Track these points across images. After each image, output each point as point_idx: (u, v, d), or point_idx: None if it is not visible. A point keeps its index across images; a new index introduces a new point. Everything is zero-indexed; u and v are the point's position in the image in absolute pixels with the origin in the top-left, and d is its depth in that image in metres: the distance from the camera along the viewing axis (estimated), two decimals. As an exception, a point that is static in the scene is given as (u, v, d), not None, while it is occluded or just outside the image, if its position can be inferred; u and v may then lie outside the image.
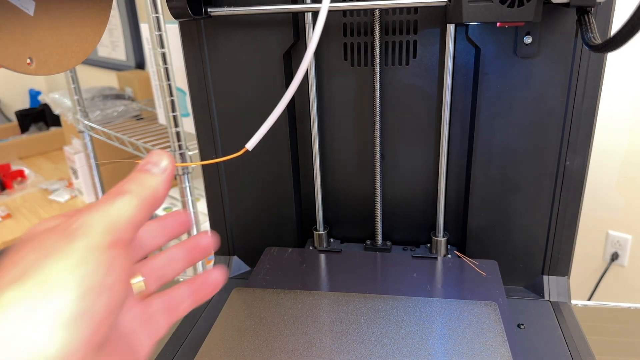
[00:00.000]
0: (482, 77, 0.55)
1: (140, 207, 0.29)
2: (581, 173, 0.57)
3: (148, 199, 0.30)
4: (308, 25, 0.56)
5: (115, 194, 0.28)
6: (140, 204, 0.29)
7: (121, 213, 0.27)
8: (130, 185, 0.29)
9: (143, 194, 0.29)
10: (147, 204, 0.29)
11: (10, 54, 0.40)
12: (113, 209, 0.27)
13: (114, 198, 0.28)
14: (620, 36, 0.38)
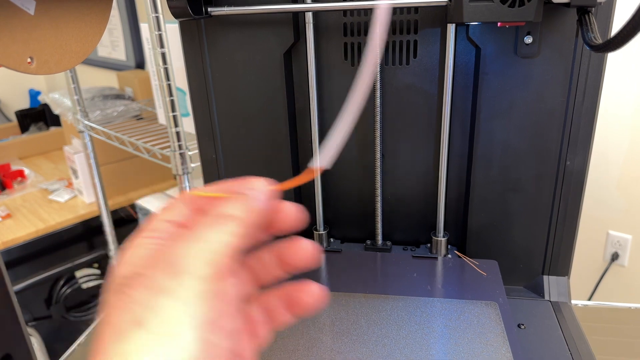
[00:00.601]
0: (483, 77, 0.55)
1: (244, 234, 0.26)
2: (581, 173, 0.56)
3: (252, 224, 0.27)
4: (308, 25, 0.56)
5: (218, 218, 0.26)
6: (244, 231, 0.27)
7: (224, 240, 0.25)
8: (233, 209, 0.27)
9: (247, 219, 0.27)
10: (250, 229, 0.27)
11: (11, 54, 0.40)
12: (216, 236, 0.25)
13: (216, 223, 0.26)
14: (620, 36, 0.38)
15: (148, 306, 0.23)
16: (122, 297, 0.24)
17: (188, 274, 0.23)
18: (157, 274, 0.24)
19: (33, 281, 1.70)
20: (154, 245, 0.27)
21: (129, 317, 0.23)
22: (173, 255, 0.24)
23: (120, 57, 2.09)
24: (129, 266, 0.25)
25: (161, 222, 0.29)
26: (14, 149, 2.19)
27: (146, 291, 0.23)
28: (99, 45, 2.17)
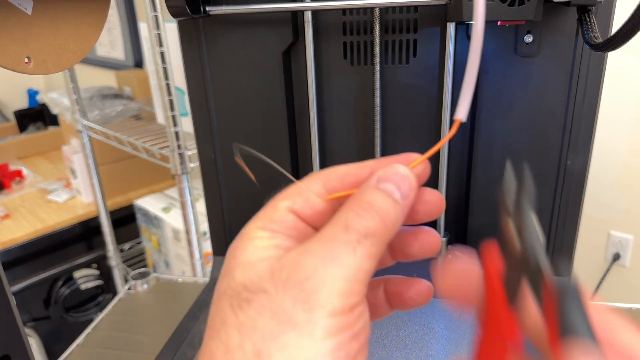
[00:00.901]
0: (483, 76, 0.55)
1: (380, 253, 0.23)
2: (582, 173, 0.56)
3: (389, 238, 0.24)
4: (307, 24, 0.56)
5: (355, 234, 0.23)
6: (381, 250, 0.23)
7: (361, 266, 0.22)
8: (366, 221, 0.23)
9: (385, 234, 0.23)
10: (386, 244, 0.24)
11: (9, 54, 0.40)
12: (353, 261, 0.22)
13: (354, 242, 0.22)
14: (621, 35, 0.38)
15: (273, 338, 0.21)
16: (241, 315, 0.22)
17: (321, 309, 0.21)
18: (286, 300, 0.21)
19: (31, 282, 1.70)
20: (279, 250, 0.24)
21: (248, 345, 0.21)
22: (304, 275, 0.21)
23: (118, 56, 2.09)
24: (251, 273, 0.23)
25: (286, 212, 0.26)
26: (12, 149, 2.19)
27: (272, 319, 0.21)
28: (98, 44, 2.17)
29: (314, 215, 0.26)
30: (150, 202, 1.66)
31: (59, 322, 1.77)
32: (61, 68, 0.46)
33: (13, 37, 0.40)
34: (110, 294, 1.87)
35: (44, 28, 0.43)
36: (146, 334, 0.64)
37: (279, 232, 0.25)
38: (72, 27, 0.46)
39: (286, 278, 0.22)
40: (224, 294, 0.23)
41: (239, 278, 0.23)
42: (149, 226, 1.65)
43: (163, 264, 1.65)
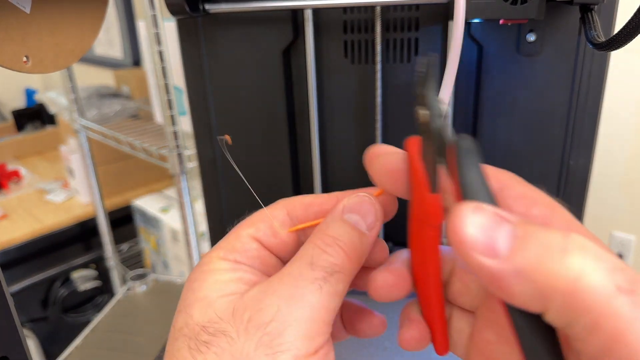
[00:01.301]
0: (485, 75, 0.55)
1: (346, 289, 0.23)
2: (585, 173, 0.56)
3: (355, 272, 0.23)
4: (307, 22, 0.55)
5: (320, 271, 0.22)
6: (347, 286, 0.23)
7: (327, 305, 0.21)
8: (332, 257, 0.22)
9: (351, 270, 0.23)
10: (352, 279, 0.23)
11: (7, 52, 0.40)
12: (318, 300, 0.21)
13: (319, 280, 0.21)
14: (623, 34, 0.38)
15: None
16: (200, 359, 0.20)
17: (286, 353, 0.20)
18: (248, 344, 0.20)
19: (29, 282, 1.69)
20: (241, 285, 0.22)
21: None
22: (268, 316, 0.20)
23: (116, 55, 2.08)
24: (210, 312, 0.21)
25: (249, 240, 0.25)
26: (9, 149, 2.18)
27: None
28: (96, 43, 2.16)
29: (278, 244, 0.25)
30: (149, 203, 1.65)
31: (57, 323, 1.76)
32: (59, 67, 0.45)
33: (11, 36, 0.40)
34: (109, 295, 1.86)
35: (42, 27, 0.43)
36: (144, 335, 0.63)
37: (242, 262, 0.24)
38: (71, 26, 0.46)
39: (248, 319, 0.20)
40: (180, 333, 0.21)
41: (197, 317, 0.21)
42: (147, 227, 1.65)
43: (161, 264, 1.64)
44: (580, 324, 0.17)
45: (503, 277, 0.17)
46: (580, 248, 0.17)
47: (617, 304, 0.16)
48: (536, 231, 0.17)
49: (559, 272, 0.16)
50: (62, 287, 1.75)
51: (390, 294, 0.25)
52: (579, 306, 0.16)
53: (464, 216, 0.18)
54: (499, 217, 0.18)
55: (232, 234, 0.25)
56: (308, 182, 0.65)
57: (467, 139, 0.21)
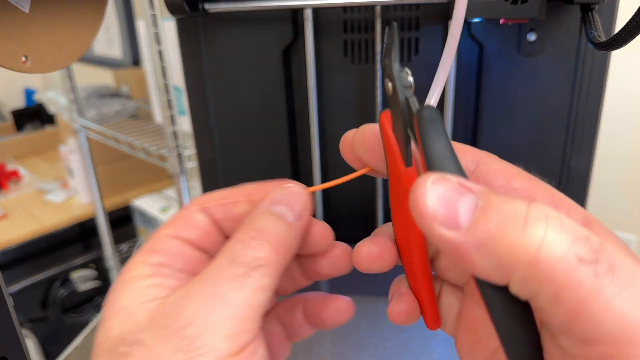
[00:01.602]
0: (485, 75, 0.54)
1: (275, 283, 0.21)
2: (586, 173, 0.56)
3: (284, 264, 0.22)
4: (307, 22, 0.55)
5: (242, 266, 0.21)
6: (275, 279, 0.21)
7: (251, 301, 0.20)
8: (255, 250, 0.21)
9: (279, 262, 0.22)
10: (281, 271, 0.22)
11: (6, 52, 0.40)
12: (241, 297, 0.20)
13: (241, 275, 0.20)
14: (624, 33, 0.38)
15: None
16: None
17: (205, 356, 0.19)
18: (165, 352, 0.19)
19: (29, 283, 1.69)
20: (162, 290, 0.21)
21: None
22: (185, 320, 0.19)
23: (116, 54, 2.08)
24: (129, 322, 0.20)
25: (167, 238, 0.23)
26: (9, 149, 2.18)
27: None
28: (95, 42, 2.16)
29: (200, 236, 0.24)
30: (148, 203, 1.65)
31: (57, 323, 1.76)
32: (59, 67, 0.45)
33: (10, 36, 0.40)
34: (108, 295, 1.86)
35: (41, 26, 0.42)
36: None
37: (163, 264, 0.22)
38: (70, 25, 0.45)
39: (166, 325, 0.19)
40: (101, 348, 0.20)
41: (116, 329, 0.20)
42: (147, 227, 1.65)
43: (161, 264, 1.63)
44: (543, 296, 0.16)
45: (464, 249, 0.17)
46: (542, 218, 0.16)
47: (579, 275, 0.16)
48: (499, 201, 0.17)
49: (519, 243, 0.16)
50: (61, 287, 1.75)
51: (375, 265, 0.25)
52: (541, 278, 0.16)
53: (424, 187, 0.17)
54: (462, 187, 0.17)
55: (152, 236, 0.24)
56: (308, 181, 0.65)
57: (429, 108, 0.21)
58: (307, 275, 0.28)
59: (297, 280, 0.28)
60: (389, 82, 0.23)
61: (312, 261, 0.27)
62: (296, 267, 0.28)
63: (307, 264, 0.27)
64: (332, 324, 0.27)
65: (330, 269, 0.27)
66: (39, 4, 0.41)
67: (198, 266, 0.23)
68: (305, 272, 0.28)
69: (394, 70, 0.23)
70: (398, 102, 0.23)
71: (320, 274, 0.27)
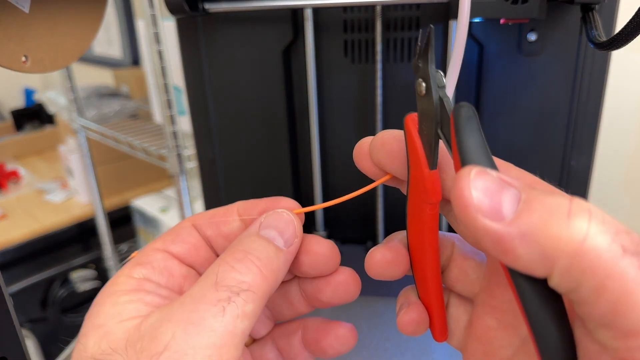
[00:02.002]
0: (486, 75, 0.54)
1: (259, 309, 0.20)
2: (586, 173, 0.56)
3: (270, 291, 0.21)
4: (307, 22, 0.55)
5: (225, 291, 0.19)
6: (260, 306, 0.20)
7: (233, 329, 0.19)
8: (240, 274, 0.20)
9: (265, 288, 0.21)
10: (267, 298, 0.21)
11: (5, 52, 0.40)
12: (222, 325, 0.19)
13: (223, 300, 0.19)
14: (625, 33, 0.38)
15: None
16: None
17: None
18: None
19: (28, 283, 1.69)
20: (143, 308, 0.20)
21: None
22: (161, 346, 0.18)
23: (115, 54, 2.08)
24: (104, 342, 0.19)
25: (153, 252, 0.23)
26: (8, 149, 2.18)
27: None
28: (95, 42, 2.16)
29: (188, 251, 0.24)
30: (148, 203, 1.65)
31: (56, 324, 1.76)
32: (58, 67, 0.45)
33: (10, 36, 0.40)
34: (108, 295, 1.86)
35: (41, 26, 0.42)
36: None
37: (146, 278, 0.22)
38: (70, 25, 0.45)
39: (141, 350, 0.18)
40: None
41: (90, 348, 0.19)
42: (146, 227, 1.65)
43: (161, 264, 1.63)
44: (586, 286, 0.16)
45: (508, 240, 0.17)
46: (586, 211, 0.17)
47: (624, 264, 0.16)
48: (541, 195, 0.17)
49: (565, 234, 0.16)
50: (61, 287, 1.75)
51: (388, 271, 0.25)
52: (585, 268, 0.16)
53: (469, 179, 0.17)
54: (503, 181, 0.18)
55: (140, 251, 0.23)
56: (308, 182, 0.65)
57: (465, 106, 0.21)
58: (308, 302, 0.27)
59: (297, 306, 0.27)
60: (422, 83, 0.24)
61: (314, 286, 0.26)
62: (296, 292, 0.27)
63: (309, 289, 0.26)
64: (333, 353, 0.26)
65: (334, 296, 0.26)
66: (39, 4, 0.41)
67: (183, 282, 0.23)
68: (307, 298, 0.26)
69: (429, 71, 0.23)
70: (430, 102, 0.23)
71: (322, 301, 0.26)
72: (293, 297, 0.27)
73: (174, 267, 0.23)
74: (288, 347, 0.26)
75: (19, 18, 0.40)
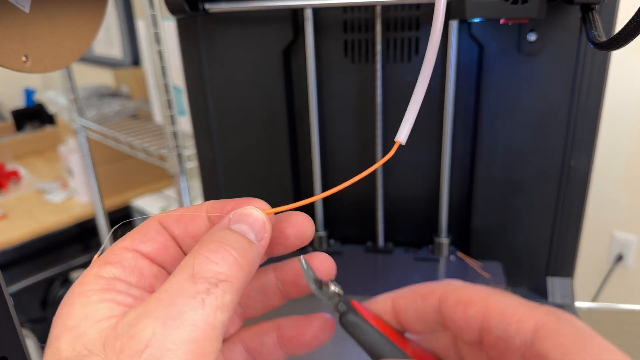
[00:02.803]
0: (486, 75, 0.54)
1: (236, 300, 0.20)
2: (586, 172, 0.56)
3: (245, 282, 0.21)
4: (307, 22, 0.55)
5: (202, 282, 0.19)
6: (237, 297, 0.20)
7: (212, 321, 0.19)
8: (217, 265, 0.20)
9: (241, 279, 0.20)
10: (243, 289, 0.21)
11: (6, 52, 0.40)
12: (200, 317, 0.18)
13: (201, 292, 0.19)
14: (625, 34, 0.38)
15: None
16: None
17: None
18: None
19: (28, 283, 1.69)
20: (115, 307, 0.20)
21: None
22: (142, 344, 0.18)
23: (116, 54, 2.08)
24: (79, 344, 0.19)
25: (122, 251, 0.22)
26: (9, 149, 2.17)
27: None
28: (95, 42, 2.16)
29: (158, 249, 0.23)
30: (148, 203, 1.65)
31: (56, 323, 1.76)
32: (58, 66, 0.45)
33: (10, 36, 0.40)
34: (108, 295, 1.86)
35: (41, 26, 0.42)
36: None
37: (116, 278, 0.21)
38: (70, 25, 0.45)
39: (120, 349, 0.18)
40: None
41: (65, 351, 0.19)
42: (146, 226, 1.64)
43: (161, 264, 1.64)
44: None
45: None
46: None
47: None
48: None
49: None
50: (61, 287, 1.75)
51: None
52: None
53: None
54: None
55: (108, 249, 0.23)
56: (308, 181, 0.65)
57: (345, 315, 0.24)
58: (285, 291, 0.27)
59: (272, 298, 0.26)
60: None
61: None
62: (272, 283, 0.26)
63: (289, 274, 0.26)
64: (316, 343, 0.26)
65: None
66: (39, 4, 0.41)
67: (154, 281, 0.22)
68: (286, 286, 0.26)
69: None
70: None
71: (302, 284, 0.26)
72: (268, 288, 0.26)
73: (145, 266, 0.23)
74: (260, 348, 0.26)
75: (19, 18, 0.40)
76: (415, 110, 0.28)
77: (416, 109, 0.28)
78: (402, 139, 0.28)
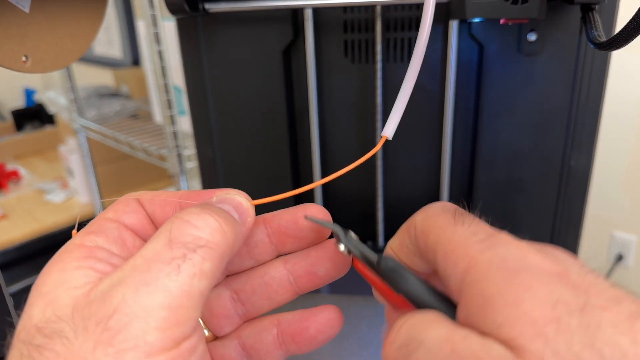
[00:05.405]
0: (486, 75, 0.54)
1: (218, 270, 0.19)
2: (586, 173, 0.56)
3: (228, 252, 0.20)
4: (307, 22, 0.55)
5: (180, 247, 0.18)
6: (218, 266, 0.19)
7: (189, 287, 0.18)
8: (196, 229, 0.19)
9: (223, 248, 0.19)
10: (226, 259, 0.19)
11: (6, 52, 0.40)
12: (176, 283, 0.17)
13: (177, 257, 0.18)
14: (625, 34, 0.38)
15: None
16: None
17: (132, 350, 0.16)
18: (86, 344, 0.16)
19: (28, 283, 1.69)
20: (93, 274, 0.19)
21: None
22: (110, 309, 0.17)
23: (116, 54, 2.08)
24: (49, 310, 0.18)
25: (105, 221, 0.21)
26: (9, 149, 2.18)
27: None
28: (95, 42, 2.16)
29: (140, 222, 0.23)
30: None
31: (56, 323, 1.75)
32: (59, 67, 0.45)
33: (10, 35, 0.40)
34: (108, 295, 1.86)
35: (41, 26, 0.42)
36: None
37: (99, 247, 0.20)
38: (70, 25, 0.45)
39: (88, 315, 0.17)
40: (17, 338, 0.18)
41: (35, 317, 0.18)
42: (146, 226, 1.64)
43: (161, 264, 1.64)
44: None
45: None
46: None
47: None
48: None
49: None
50: (61, 287, 1.75)
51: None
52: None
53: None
54: None
55: (91, 221, 0.22)
56: (308, 182, 0.65)
57: (384, 260, 0.23)
58: (298, 284, 0.26)
59: (282, 293, 0.26)
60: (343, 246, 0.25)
61: (309, 261, 0.26)
62: (282, 277, 0.26)
63: (303, 266, 0.26)
64: (322, 340, 0.25)
65: (333, 266, 0.26)
66: (39, 4, 0.41)
67: (136, 252, 0.21)
68: (298, 278, 0.26)
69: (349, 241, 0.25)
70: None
71: (319, 275, 0.26)
72: (278, 284, 0.25)
73: (128, 238, 0.22)
74: (258, 346, 0.25)
75: (20, 18, 0.40)
76: (402, 106, 0.28)
77: (403, 105, 0.28)
78: (388, 133, 0.29)
